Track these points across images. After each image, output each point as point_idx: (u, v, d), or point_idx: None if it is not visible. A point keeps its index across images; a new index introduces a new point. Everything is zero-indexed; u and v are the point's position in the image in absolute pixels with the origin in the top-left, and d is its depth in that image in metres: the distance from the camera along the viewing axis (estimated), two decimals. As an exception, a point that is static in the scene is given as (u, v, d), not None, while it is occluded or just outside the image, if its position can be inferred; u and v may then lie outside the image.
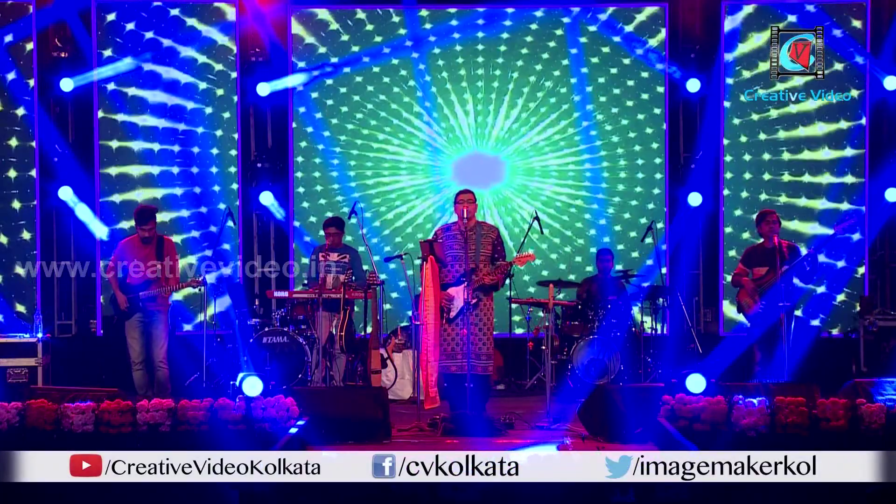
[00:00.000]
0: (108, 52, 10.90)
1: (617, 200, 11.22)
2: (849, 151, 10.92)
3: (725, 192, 11.04)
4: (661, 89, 11.15)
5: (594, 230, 11.20)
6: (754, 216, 9.17)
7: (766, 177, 11.03)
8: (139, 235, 8.71)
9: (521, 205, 11.24)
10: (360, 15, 11.19)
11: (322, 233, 9.64)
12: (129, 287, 8.66)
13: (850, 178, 10.94)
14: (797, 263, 8.47)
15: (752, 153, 11.05)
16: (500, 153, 11.26)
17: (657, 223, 10.64)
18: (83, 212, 10.78)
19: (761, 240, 8.82)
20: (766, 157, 11.04)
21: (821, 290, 10.78)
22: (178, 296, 9.83)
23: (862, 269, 10.90)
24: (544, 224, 10.10)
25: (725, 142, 11.03)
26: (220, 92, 11.03)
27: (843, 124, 10.94)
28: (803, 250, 8.89)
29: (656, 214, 11.05)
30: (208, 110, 11.03)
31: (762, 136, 11.04)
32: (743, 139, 11.06)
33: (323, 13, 11.18)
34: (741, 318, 8.97)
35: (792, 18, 10.83)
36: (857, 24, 10.88)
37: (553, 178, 11.26)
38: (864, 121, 10.88)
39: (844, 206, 10.89)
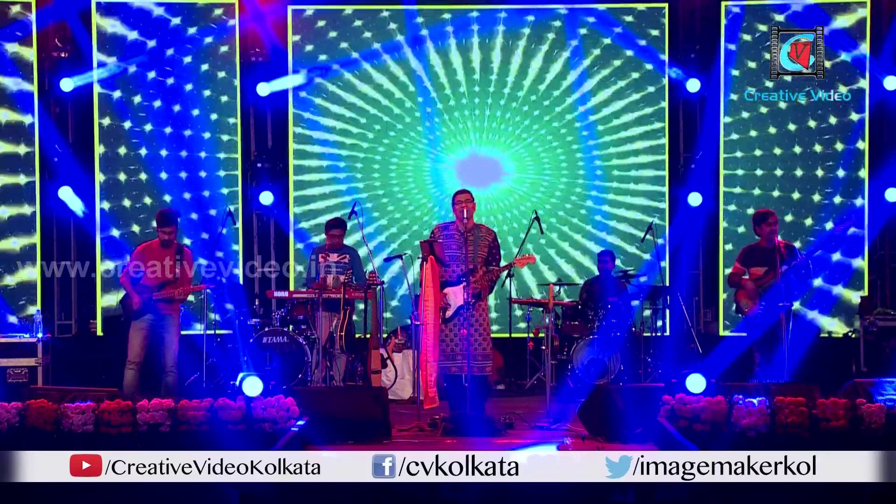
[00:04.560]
0: (108, 52, 10.90)
1: (617, 201, 11.22)
2: (849, 152, 10.91)
3: (724, 191, 11.04)
4: (661, 90, 11.15)
5: (594, 230, 11.19)
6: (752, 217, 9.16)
7: (766, 177, 11.03)
8: (159, 238, 8.68)
9: (520, 204, 11.24)
10: (360, 15, 11.19)
11: (323, 233, 9.63)
12: (143, 289, 8.62)
13: (849, 178, 10.93)
14: (794, 266, 8.45)
15: (752, 153, 11.05)
16: (499, 153, 11.25)
17: (657, 223, 10.64)
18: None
19: (757, 239, 8.78)
20: (767, 158, 11.04)
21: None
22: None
23: (862, 269, 10.91)
24: (544, 224, 10.09)
25: (725, 142, 11.03)
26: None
27: (844, 125, 10.94)
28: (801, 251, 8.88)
29: (656, 214, 11.05)
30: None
31: (762, 137, 11.04)
32: (743, 139, 11.06)
33: (323, 13, 11.18)
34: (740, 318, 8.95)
35: (792, 18, 10.82)
36: (856, 24, 10.87)
37: (553, 178, 11.26)
38: (864, 121, 10.88)
39: (843, 210, 10.90)
